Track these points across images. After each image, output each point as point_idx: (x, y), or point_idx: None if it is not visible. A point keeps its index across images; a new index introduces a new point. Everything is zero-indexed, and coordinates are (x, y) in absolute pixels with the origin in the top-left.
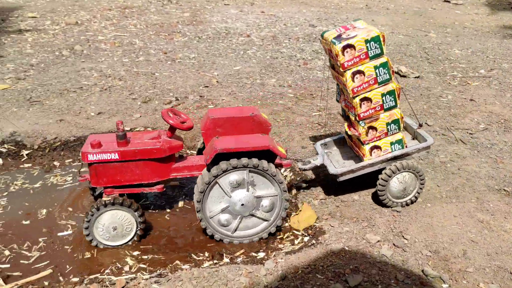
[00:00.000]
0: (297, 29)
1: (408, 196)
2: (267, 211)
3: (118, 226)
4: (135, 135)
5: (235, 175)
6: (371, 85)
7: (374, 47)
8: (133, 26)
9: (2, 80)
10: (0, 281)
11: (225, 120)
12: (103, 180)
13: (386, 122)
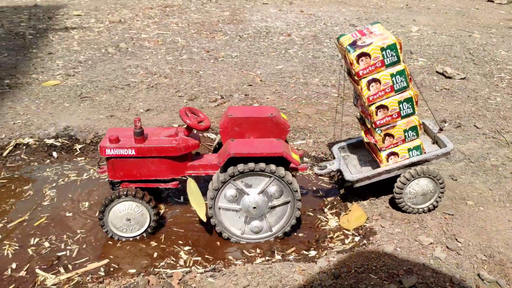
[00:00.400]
0: (338, 29)
1: (428, 202)
2: (279, 216)
3: (132, 218)
4: (153, 131)
5: (250, 179)
6: (388, 93)
7: (390, 55)
8: (175, 24)
9: (53, 76)
10: (61, 270)
11: (243, 120)
12: (120, 174)
13: (404, 129)
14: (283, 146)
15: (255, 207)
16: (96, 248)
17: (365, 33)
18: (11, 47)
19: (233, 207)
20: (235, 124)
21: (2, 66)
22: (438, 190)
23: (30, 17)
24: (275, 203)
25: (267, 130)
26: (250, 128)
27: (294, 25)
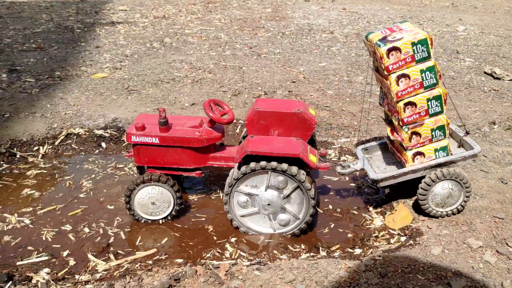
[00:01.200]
0: (381, 27)
1: (453, 205)
2: (298, 202)
3: (157, 201)
4: (179, 120)
5: (253, 180)
6: (417, 90)
7: (421, 50)
8: (218, 20)
9: (101, 69)
10: (112, 257)
11: (269, 114)
12: (145, 160)
13: (431, 128)
14: (301, 146)
15: (269, 204)
16: (144, 237)
17: (394, 30)
18: (60, 40)
19: (251, 211)
20: (261, 118)
21: (52, 58)
22: (464, 193)
23: (78, 12)
24: (286, 192)
25: (292, 125)
26: (276, 123)
27: (336, 22)
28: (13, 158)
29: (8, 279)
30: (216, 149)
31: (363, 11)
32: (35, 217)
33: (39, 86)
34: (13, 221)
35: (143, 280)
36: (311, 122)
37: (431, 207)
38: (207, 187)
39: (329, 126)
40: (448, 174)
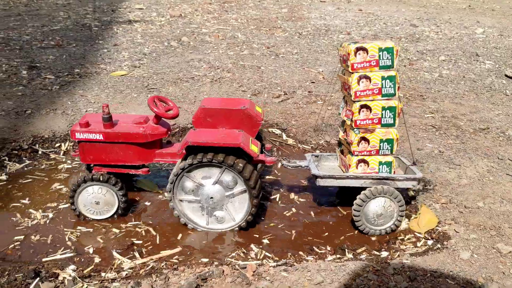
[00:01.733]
0: (398, 29)
1: (385, 225)
2: (218, 221)
3: (100, 201)
4: (124, 117)
5: (207, 170)
6: (375, 94)
7: (386, 57)
8: (234, 20)
9: (120, 67)
10: (137, 255)
11: (215, 111)
12: (90, 158)
13: (380, 139)
14: (242, 137)
15: (212, 197)
16: (168, 236)
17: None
18: (78, 38)
19: (193, 199)
20: (207, 115)
21: (71, 55)
22: (398, 213)
23: (95, 10)
24: (232, 192)
25: (239, 122)
26: (222, 120)
27: (353, 23)
28: (35, 154)
29: (35, 276)
30: (162, 145)
31: (379, 12)
32: (59, 213)
33: (59, 83)
34: (38, 216)
35: (170, 279)
36: (257, 118)
37: (364, 224)
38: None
39: None
40: (389, 192)
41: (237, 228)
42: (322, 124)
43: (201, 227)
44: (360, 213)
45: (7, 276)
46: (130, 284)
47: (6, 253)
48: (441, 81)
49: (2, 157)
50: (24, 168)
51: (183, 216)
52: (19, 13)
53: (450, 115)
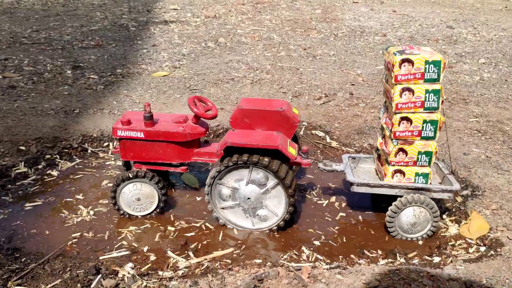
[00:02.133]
0: (434, 30)
1: (418, 233)
2: (261, 220)
3: (142, 198)
4: (164, 116)
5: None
6: (417, 107)
7: (432, 70)
8: (268, 21)
9: (161, 67)
10: (191, 254)
11: (253, 112)
12: (130, 155)
13: (419, 151)
14: (280, 139)
15: (249, 198)
16: (219, 236)
17: (414, 48)
18: (117, 38)
19: (232, 204)
20: (245, 116)
21: (112, 56)
22: (432, 221)
23: (130, 10)
24: (266, 187)
25: (275, 124)
26: (259, 120)
27: (388, 25)
28: (84, 153)
29: (96, 272)
30: (200, 145)
31: (414, 13)
32: (111, 210)
33: (103, 83)
34: (91, 213)
35: (226, 279)
36: (294, 120)
37: (397, 231)
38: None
39: None
40: (424, 202)
41: (282, 222)
42: (365, 127)
43: (248, 230)
44: (393, 221)
45: (69, 272)
46: (187, 283)
47: (64, 249)
48: (483, 85)
49: (54, 155)
50: (75, 166)
51: (229, 223)
52: (58, 13)
53: (495, 119)
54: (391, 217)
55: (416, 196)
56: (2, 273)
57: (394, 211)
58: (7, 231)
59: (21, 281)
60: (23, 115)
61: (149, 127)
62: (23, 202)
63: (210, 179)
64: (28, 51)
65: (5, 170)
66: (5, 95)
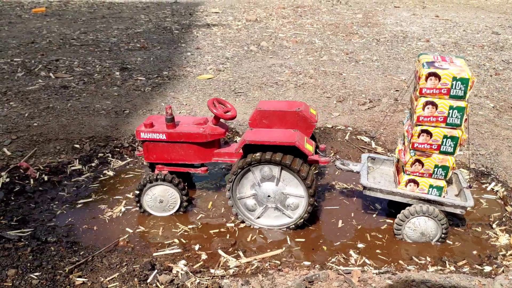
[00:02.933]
0: (479, 36)
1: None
2: (293, 209)
3: (164, 199)
4: (185, 119)
5: (266, 168)
6: (439, 122)
7: (459, 87)
8: (310, 25)
9: (205, 70)
10: (241, 254)
11: (271, 113)
12: (153, 157)
13: (435, 164)
14: (297, 136)
15: (270, 196)
16: (269, 237)
17: (446, 60)
18: (161, 41)
19: (261, 210)
20: (263, 117)
21: (158, 58)
22: (440, 230)
23: (173, 13)
24: (288, 191)
25: (293, 124)
26: (278, 121)
27: (431, 30)
28: (133, 153)
29: (152, 268)
30: (220, 145)
31: (457, 18)
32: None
33: (150, 85)
34: (121, 209)
35: (276, 280)
36: (311, 120)
37: (404, 238)
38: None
39: None
40: (425, 211)
41: (293, 225)
42: None
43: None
44: (401, 229)
45: (125, 266)
46: (239, 282)
47: (119, 244)
48: None
49: (106, 154)
50: (126, 166)
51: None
52: (104, 15)
53: None
54: (398, 225)
55: (425, 207)
56: (64, 264)
57: (401, 219)
58: (65, 225)
59: (81, 273)
60: (76, 114)
61: (170, 129)
62: (78, 198)
63: (232, 176)
64: (77, 52)
65: (61, 166)
66: (58, 94)
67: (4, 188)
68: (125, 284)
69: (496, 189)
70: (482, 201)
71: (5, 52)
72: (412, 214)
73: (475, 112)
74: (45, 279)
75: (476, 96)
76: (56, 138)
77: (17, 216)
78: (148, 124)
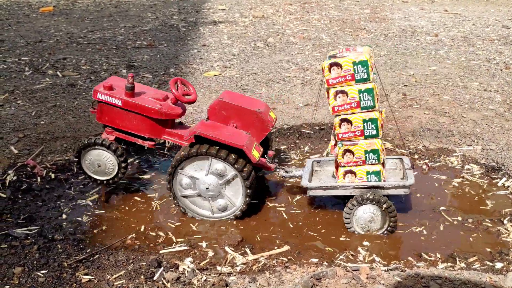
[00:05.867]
0: (489, 30)
1: (379, 230)
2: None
3: (102, 164)
4: (146, 90)
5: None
6: (353, 108)
7: (361, 70)
8: (317, 21)
9: (212, 67)
10: (248, 251)
11: (230, 106)
12: (105, 119)
13: (365, 150)
14: (247, 139)
15: (208, 188)
16: (276, 234)
17: (349, 50)
18: (168, 38)
19: (192, 193)
20: (222, 108)
21: (164, 55)
22: (388, 218)
23: (180, 11)
24: (226, 179)
25: (250, 123)
26: (235, 116)
27: (440, 25)
28: None
29: (158, 265)
30: (174, 126)
31: (466, 13)
32: (169, 206)
33: (157, 82)
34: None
35: (283, 277)
36: (268, 124)
37: (357, 231)
38: None
39: (450, 133)
40: (368, 199)
41: (239, 212)
42: (420, 129)
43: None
44: (350, 220)
45: (132, 263)
46: (246, 279)
47: (126, 242)
48: None
49: None
50: (133, 163)
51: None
52: (111, 14)
53: None
54: (346, 218)
55: (368, 195)
56: (71, 263)
57: (347, 212)
58: (71, 223)
59: (87, 270)
60: (83, 112)
61: (127, 97)
62: (86, 196)
63: (171, 168)
64: (84, 50)
65: (68, 164)
66: (65, 92)
67: (11, 186)
68: (131, 281)
69: (507, 184)
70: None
71: (13, 51)
72: (357, 203)
73: (485, 106)
74: (51, 276)
75: (486, 91)
76: (63, 136)
77: (24, 214)
78: (107, 86)
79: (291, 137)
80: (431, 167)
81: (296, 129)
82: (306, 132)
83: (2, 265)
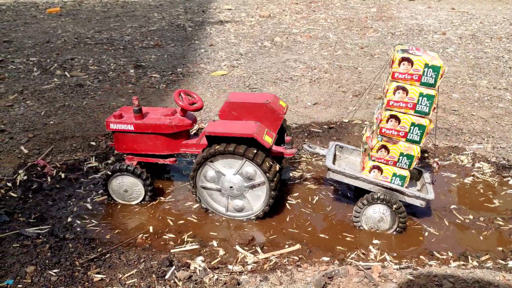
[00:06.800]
0: (497, 28)
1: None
2: (237, 209)
3: (129, 189)
4: (153, 110)
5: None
6: (408, 108)
7: (430, 75)
8: (323, 20)
9: (219, 67)
10: (258, 249)
11: (239, 105)
12: (123, 147)
13: (401, 152)
14: (256, 128)
15: (232, 187)
16: (286, 233)
17: (420, 50)
18: (175, 38)
19: (213, 187)
20: (232, 109)
21: (172, 55)
22: (398, 219)
23: (186, 11)
24: (252, 183)
25: (262, 116)
26: (246, 113)
27: (447, 23)
28: None
29: (170, 264)
30: (189, 136)
31: (473, 11)
32: (179, 206)
33: (164, 82)
34: (151, 208)
35: (295, 275)
36: (279, 112)
37: (362, 226)
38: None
39: (459, 131)
40: (379, 199)
41: (253, 217)
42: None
43: (220, 214)
44: (359, 216)
45: (143, 262)
46: (258, 278)
47: (137, 241)
48: None
49: None
50: None
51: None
52: (117, 14)
53: None
54: (357, 212)
55: (386, 195)
56: (83, 261)
57: (357, 211)
58: (82, 222)
59: (99, 269)
60: (92, 112)
61: (138, 120)
62: (95, 195)
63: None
64: (92, 51)
65: (78, 164)
66: (74, 93)
67: (22, 186)
68: (143, 280)
69: None
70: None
71: (21, 51)
72: (372, 200)
73: (495, 104)
74: (63, 275)
75: (496, 89)
76: (72, 135)
77: (35, 214)
78: (117, 115)
79: (300, 135)
80: (441, 166)
81: (305, 128)
82: (315, 131)
83: (15, 264)
